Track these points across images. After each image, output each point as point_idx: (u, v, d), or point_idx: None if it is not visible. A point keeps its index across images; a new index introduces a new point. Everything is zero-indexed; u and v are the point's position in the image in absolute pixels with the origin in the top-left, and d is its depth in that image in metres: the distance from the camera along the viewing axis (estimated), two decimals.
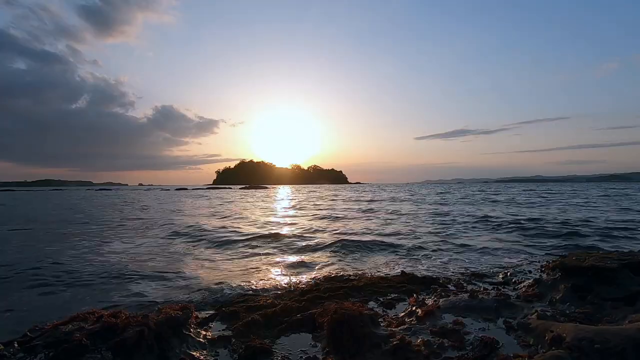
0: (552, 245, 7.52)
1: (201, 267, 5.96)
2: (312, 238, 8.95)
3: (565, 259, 3.96)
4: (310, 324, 3.05)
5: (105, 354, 2.24)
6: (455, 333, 2.78)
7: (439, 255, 6.59)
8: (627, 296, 3.26)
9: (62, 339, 2.28)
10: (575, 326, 2.46)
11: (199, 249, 7.72)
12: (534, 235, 8.87)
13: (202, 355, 2.58)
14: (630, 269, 3.56)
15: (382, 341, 2.58)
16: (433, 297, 3.74)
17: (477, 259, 6.22)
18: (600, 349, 2.13)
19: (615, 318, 2.90)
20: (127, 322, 2.48)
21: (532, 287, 3.92)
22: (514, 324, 2.93)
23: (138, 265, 6.02)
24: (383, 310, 3.54)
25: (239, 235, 9.37)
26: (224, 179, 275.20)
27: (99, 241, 8.63)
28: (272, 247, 7.88)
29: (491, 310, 3.25)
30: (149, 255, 6.98)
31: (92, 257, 6.66)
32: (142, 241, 8.72)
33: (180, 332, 2.68)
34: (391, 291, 4.10)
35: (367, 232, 9.85)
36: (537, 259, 6.12)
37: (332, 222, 12.98)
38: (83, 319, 2.57)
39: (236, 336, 2.88)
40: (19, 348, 2.29)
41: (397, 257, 6.62)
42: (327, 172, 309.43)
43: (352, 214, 15.85)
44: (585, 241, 7.91)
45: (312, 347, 2.74)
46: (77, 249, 7.63)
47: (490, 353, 2.44)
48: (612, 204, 18.95)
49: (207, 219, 14.12)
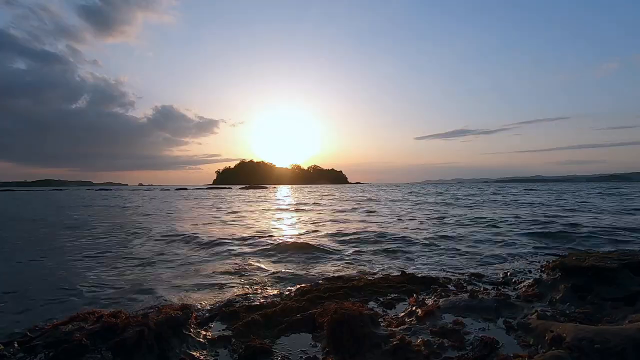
0: (552, 245, 7.52)
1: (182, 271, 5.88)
2: (312, 240, 8.95)
3: (565, 259, 3.96)
4: (310, 324, 3.05)
5: (105, 354, 2.24)
6: (455, 333, 2.78)
7: (439, 256, 6.58)
8: (627, 296, 3.26)
9: (62, 339, 2.29)
10: (575, 326, 2.46)
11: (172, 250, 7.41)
12: (534, 235, 8.86)
13: (202, 355, 2.58)
14: (630, 269, 3.56)
15: (382, 341, 2.58)
16: (433, 297, 3.74)
17: (477, 259, 6.21)
18: (600, 349, 2.13)
19: (615, 318, 2.90)
20: (127, 322, 2.48)
21: (532, 287, 3.92)
22: (514, 324, 2.93)
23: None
24: (383, 310, 3.54)
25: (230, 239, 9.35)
26: (224, 179, 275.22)
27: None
28: (266, 248, 7.87)
29: (491, 310, 3.25)
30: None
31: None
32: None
33: (180, 332, 2.68)
34: (391, 291, 4.09)
35: (368, 232, 9.85)
36: (537, 259, 6.11)
37: (333, 222, 12.98)
38: (83, 319, 2.58)
39: (236, 336, 2.88)
40: (19, 348, 2.30)
41: (397, 257, 6.62)
42: (327, 172, 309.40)
43: (353, 215, 15.85)
44: (586, 241, 7.90)
45: (312, 347, 2.74)
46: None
47: (490, 353, 2.44)
48: (614, 204, 18.94)
49: (181, 224, 12.35)
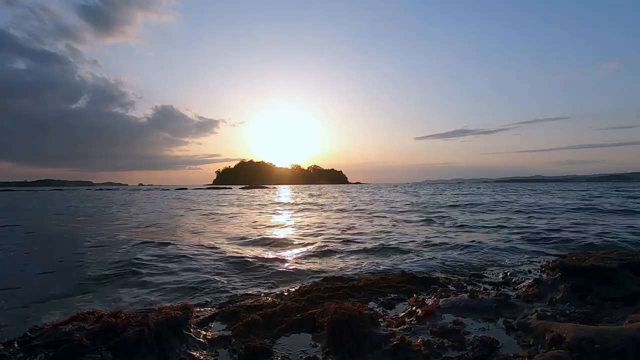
0: (552, 246, 7.52)
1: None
2: (312, 243, 8.96)
3: (565, 259, 3.95)
4: (310, 324, 3.04)
5: (105, 354, 2.24)
6: (455, 333, 2.78)
7: (439, 255, 6.58)
8: (627, 296, 3.26)
9: (62, 339, 2.28)
10: (575, 326, 2.46)
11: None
12: (534, 235, 8.86)
13: (202, 355, 2.58)
14: (630, 269, 3.56)
15: (382, 341, 2.58)
16: (433, 297, 3.74)
17: (477, 259, 6.22)
18: (600, 349, 2.13)
19: (615, 318, 2.89)
20: (127, 322, 2.47)
21: (532, 287, 3.92)
22: (514, 324, 2.93)
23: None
24: (383, 310, 3.53)
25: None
26: (224, 179, 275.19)
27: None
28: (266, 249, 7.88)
29: (491, 310, 3.25)
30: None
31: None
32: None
33: (180, 332, 2.68)
34: (391, 291, 4.09)
35: (369, 232, 9.86)
36: (537, 259, 6.11)
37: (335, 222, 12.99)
38: (83, 319, 2.57)
39: (236, 336, 2.88)
40: (19, 348, 2.29)
41: (397, 257, 6.62)
42: (327, 172, 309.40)
43: (354, 215, 15.85)
44: (585, 241, 7.90)
45: (312, 347, 2.74)
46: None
47: (490, 353, 2.44)
48: (615, 204, 18.93)
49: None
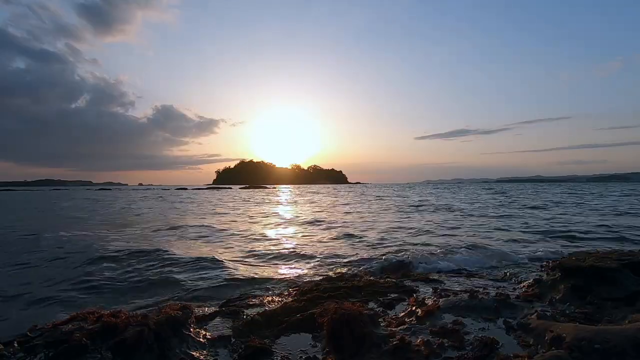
0: (552, 246, 7.52)
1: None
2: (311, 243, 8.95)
3: (565, 259, 3.95)
4: (310, 324, 3.04)
5: (105, 353, 2.24)
6: (455, 333, 2.77)
7: (439, 255, 6.57)
8: (627, 296, 3.25)
9: (62, 339, 2.28)
10: (575, 326, 2.46)
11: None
12: (534, 235, 8.86)
13: (202, 355, 2.58)
14: (630, 269, 3.55)
15: (382, 341, 2.58)
16: (433, 297, 3.74)
17: (476, 259, 6.21)
18: (600, 349, 2.13)
19: (615, 318, 2.89)
20: (127, 321, 2.48)
21: (532, 287, 3.92)
22: (513, 324, 2.93)
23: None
24: (383, 310, 3.53)
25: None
26: (224, 179, 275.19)
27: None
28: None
29: (491, 310, 3.25)
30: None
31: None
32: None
33: (180, 332, 2.68)
34: (391, 291, 4.09)
35: (373, 231, 9.86)
36: (537, 259, 6.10)
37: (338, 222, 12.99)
38: (83, 318, 2.57)
39: (236, 336, 2.88)
40: (19, 348, 2.29)
41: (396, 257, 6.60)
42: (327, 172, 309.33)
43: (354, 216, 15.85)
44: (586, 241, 7.90)
45: (312, 347, 2.74)
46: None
47: (490, 353, 2.44)
48: (613, 205, 18.93)
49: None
